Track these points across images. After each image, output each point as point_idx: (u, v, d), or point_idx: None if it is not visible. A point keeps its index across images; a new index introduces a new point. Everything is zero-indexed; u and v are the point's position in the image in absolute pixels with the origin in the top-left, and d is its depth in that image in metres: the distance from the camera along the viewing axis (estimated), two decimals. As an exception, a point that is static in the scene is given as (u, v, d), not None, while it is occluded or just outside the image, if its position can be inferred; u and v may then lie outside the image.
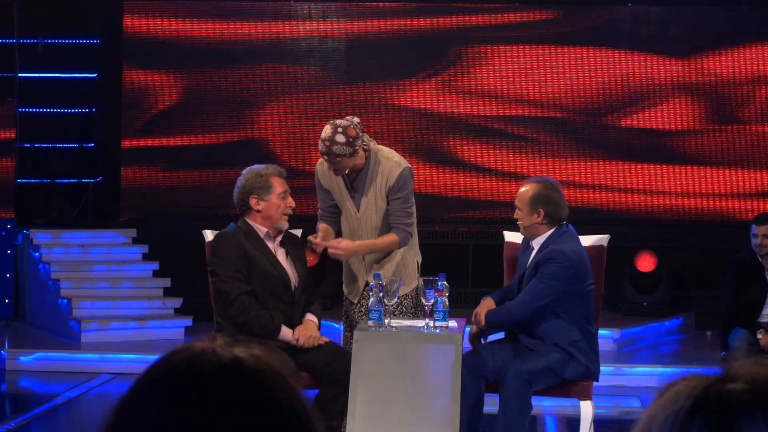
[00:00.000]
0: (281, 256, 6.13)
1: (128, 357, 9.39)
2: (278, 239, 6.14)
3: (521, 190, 6.11)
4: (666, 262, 11.00)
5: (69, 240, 10.98)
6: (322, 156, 6.02)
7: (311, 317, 6.12)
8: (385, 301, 5.72)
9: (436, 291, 5.72)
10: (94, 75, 11.88)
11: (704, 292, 11.09)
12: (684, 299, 11.14)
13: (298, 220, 7.09)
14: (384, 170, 6.06)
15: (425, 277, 5.77)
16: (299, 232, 6.41)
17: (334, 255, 6.05)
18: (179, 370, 1.33)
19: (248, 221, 6.10)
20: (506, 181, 11.34)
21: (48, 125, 11.80)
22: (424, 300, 5.73)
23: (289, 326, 6.03)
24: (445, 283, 5.76)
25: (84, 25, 11.85)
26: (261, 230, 6.09)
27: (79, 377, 9.05)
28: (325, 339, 6.11)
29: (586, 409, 6.09)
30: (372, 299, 5.73)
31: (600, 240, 6.37)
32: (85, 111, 11.96)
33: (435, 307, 5.73)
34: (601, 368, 6.15)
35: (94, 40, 11.88)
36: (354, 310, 6.20)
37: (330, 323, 8.78)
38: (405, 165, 6.10)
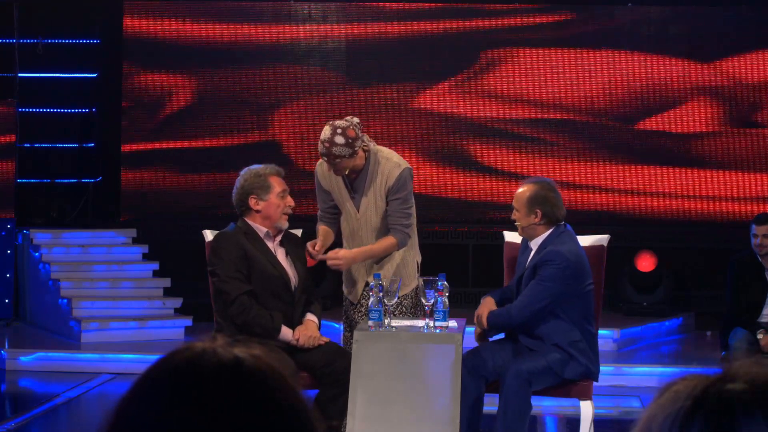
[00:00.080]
0: (281, 255, 6.12)
1: (128, 357, 9.39)
2: (278, 239, 6.14)
3: (518, 191, 6.11)
4: (666, 262, 11.00)
5: (69, 240, 10.98)
6: (321, 157, 6.02)
7: (311, 317, 6.12)
8: (385, 301, 5.72)
9: (436, 291, 5.72)
10: (94, 75, 11.88)
11: (704, 292, 11.09)
12: (684, 299, 11.14)
13: (299, 220, 7.09)
14: (384, 171, 6.05)
15: (425, 277, 5.77)
16: (299, 232, 6.41)
17: (333, 265, 6.05)
18: (180, 370, 1.33)
19: (248, 221, 6.10)
20: (509, 181, 11.32)
21: (48, 125, 11.80)
22: (424, 300, 5.73)
23: (289, 326, 6.02)
24: (445, 283, 5.76)
25: (84, 25, 11.85)
26: (261, 230, 6.09)
27: (79, 377, 9.05)
28: (325, 339, 6.11)
29: (586, 409, 6.09)
30: (372, 299, 5.73)
31: (600, 240, 6.37)
32: (85, 111, 11.96)
33: (435, 307, 5.73)
34: (601, 368, 6.15)
35: (94, 40, 11.88)
36: (354, 311, 6.20)
37: (330, 323, 8.78)
38: (405, 166, 6.09)
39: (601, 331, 6.38)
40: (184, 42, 11.74)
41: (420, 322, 5.85)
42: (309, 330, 6.04)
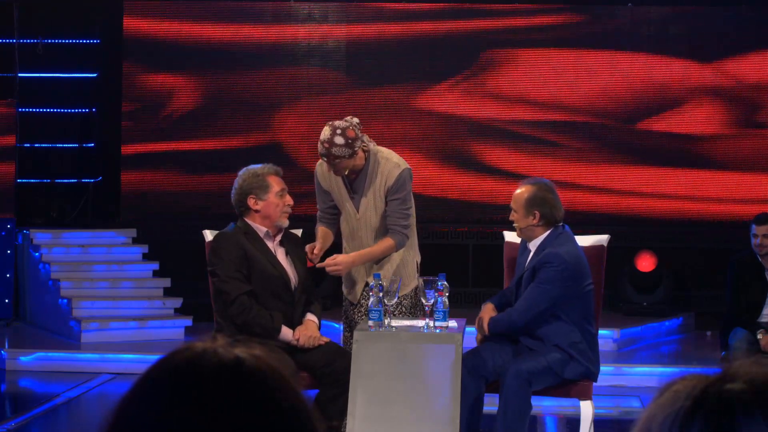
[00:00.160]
0: (281, 255, 6.13)
1: (128, 357, 9.39)
2: (278, 239, 6.14)
3: (516, 192, 6.11)
4: (666, 262, 11.00)
5: (69, 240, 10.98)
6: (321, 158, 6.02)
7: (311, 317, 6.12)
8: (385, 301, 5.72)
9: (436, 291, 5.72)
10: (94, 75, 11.88)
11: (704, 292, 11.08)
12: (684, 299, 11.14)
13: (300, 220, 7.09)
14: (383, 171, 6.06)
15: (425, 277, 5.77)
16: (299, 232, 6.41)
17: (332, 272, 6.04)
18: (180, 370, 1.34)
19: (247, 221, 6.10)
20: (509, 181, 11.31)
21: (48, 125, 11.80)
22: (424, 300, 5.73)
23: (289, 326, 6.02)
24: (445, 283, 5.76)
25: (84, 25, 11.85)
26: (261, 230, 6.09)
27: (79, 377, 9.05)
28: (325, 339, 6.12)
29: (586, 409, 6.09)
30: (372, 299, 5.73)
31: (600, 240, 6.37)
32: (85, 111, 11.96)
33: (435, 307, 5.73)
34: (601, 368, 6.15)
35: (94, 40, 11.88)
36: (354, 311, 6.20)
37: (330, 323, 8.78)
38: (404, 166, 6.09)
39: (601, 331, 6.38)
40: (185, 42, 11.73)
41: (420, 322, 5.85)
42: (309, 330, 6.04)
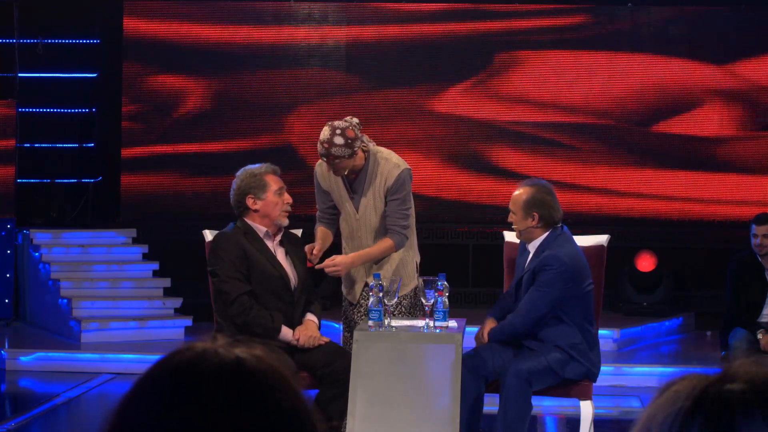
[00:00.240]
0: (281, 255, 6.13)
1: (128, 357, 9.39)
2: (278, 238, 6.14)
3: (515, 194, 6.11)
4: (666, 262, 11.00)
5: (69, 240, 10.98)
6: (321, 158, 6.02)
7: (311, 317, 6.12)
8: (385, 302, 5.72)
9: (436, 291, 5.72)
10: (94, 75, 11.88)
11: (704, 292, 11.08)
12: (684, 299, 11.14)
13: (301, 220, 7.09)
14: (383, 171, 6.06)
15: (425, 277, 5.77)
16: (300, 232, 6.41)
17: (332, 273, 6.04)
18: (181, 370, 1.34)
19: (247, 221, 6.10)
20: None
21: (48, 125, 11.80)
22: (424, 300, 5.73)
23: (289, 326, 6.03)
24: (445, 283, 5.77)
25: (84, 25, 11.85)
26: (260, 230, 6.09)
27: (79, 377, 9.05)
28: (325, 339, 6.12)
29: (586, 409, 6.09)
30: (372, 299, 5.73)
31: (599, 240, 6.37)
32: (85, 111, 11.96)
33: (435, 307, 5.73)
34: (601, 368, 6.15)
35: (94, 40, 11.88)
36: (353, 311, 6.20)
37: (330, 323, 8.78)
38: (404, 166, 6.10)
39: (601, 331, 6.38)
40: (185, 42, 11.72)
41: (420, 322, 5.85)
42: (309, 330, 6.04)
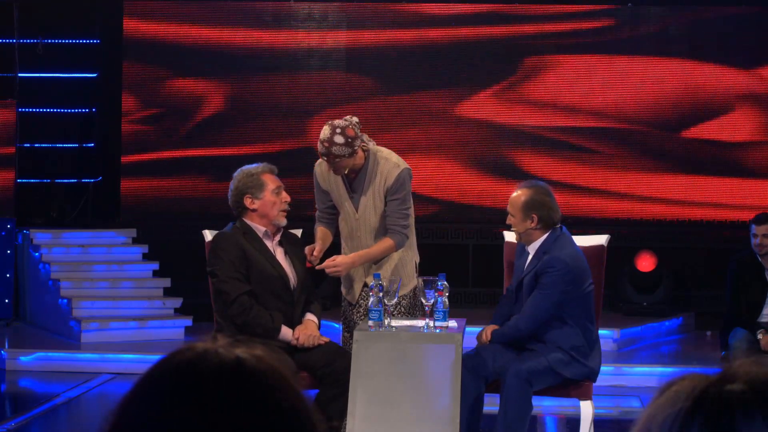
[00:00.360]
0: (280, 255, 6.13)
1: (128, 357, 9.39)
2: (277, 238, 6.14)
3: (513, 196, 6.10)
4: (666, 262, 11.00)
5: (69, 240, 10.98)
6: (321, 157, 6.02)
7: (311, 317, 6.12)
8: (385, 302, 5.72)
9: (436, 291, 5.72)
10: (94, 75, 11.88)
11: (704, 292, 11.08)
12: (684, 299, 11.14)
13: (301, 219, 7.09)
14: (383, 170, 6.06)
15: (425, 277, 5.77)
16: (299, 232, 6.41)
17: (332, 273, 6.04)
18: (181, 370, 1.34)
19: (246, 221, 6.11)
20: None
21: (48, 125, 11.80)
22: (424, 300, 5.73)
23: (289, 326, 6.02)
24: (445, 283, 5.76)
25: (84, 25, 11.85)
26: (259, 230, 6.09)
27: (79, 377, 9.05)
28: (325, 339, 6.12)
29: (586, 409, 6.09)
30: (372, 299, 5.73)
31: (599, 240, 6.37)
32: (85, 111, 11.96)
33: (435, 307, 5.73)
34: (601, 368, 6.15)
35: (94, 40, 11.88)
36: (353, 312, 6.20)
37: (330, 323, 8.78)
38: (404, 166, 6.10)
39: (601, 331, 6.39)
40: (185, 43, 11.71)
41: (420, 322, 5.85)
42: (309, 329, 6.05)
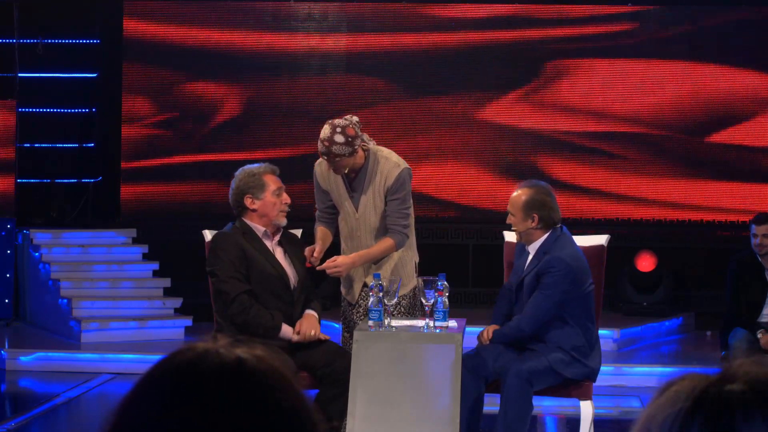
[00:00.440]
0: (279, 255, 6.13)
1: (128, 357, 9.39)
2: (276, 238, 6.14)
3: (513, 196, 6.10)
4: (666, 262, 11.00)
5: (69, 240, 10.98)
6: (321, 156, 6.02)
7: (311, 312, 6.11)
8: (385, 302, 5.72)
9: (436, 291, 5.72)
10: (94, 75, 11.88)
11: (704, 292, 11.08)
12: (684, 299, 11.14)
13: (301, 219, 7.08)
14: (383, 170, 6.06)
15: (425, 277, 5.77)
16: (299, 232, 6.41)
17: (333, 273, 6.04)
18: (181, 370, 1.34)
19: (246, 221, 6.11)
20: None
21: (48, 125, 11.80)
22: (424, 300, 5.73)
23: (289, 325, 6.02)
24: (445, 283, 5.76)
25: (84, 25, 11.85)
26: (259, 229, 6.09)
27: (79, 377, 9.05)
28: (325, 336, 6.11)
29: (586, 409, 6.09)
30: (372, 299, 5.73)
31: (599, 240, 6.37)
32: (85, 111, 11.96)
33: (435, 307, 5.73)
34: (601, 368, 6.15)
35: (94, 40, 11.88)
36: (352, 312, 6.20)
37: (330, 323, 8.77)
38: (404, 166, 6.10)
39: (601, 331, 6.39)
40: (186, 43, 11.71)
41: (420, 322, 5.85)
42: (309, 321, 6.04)
